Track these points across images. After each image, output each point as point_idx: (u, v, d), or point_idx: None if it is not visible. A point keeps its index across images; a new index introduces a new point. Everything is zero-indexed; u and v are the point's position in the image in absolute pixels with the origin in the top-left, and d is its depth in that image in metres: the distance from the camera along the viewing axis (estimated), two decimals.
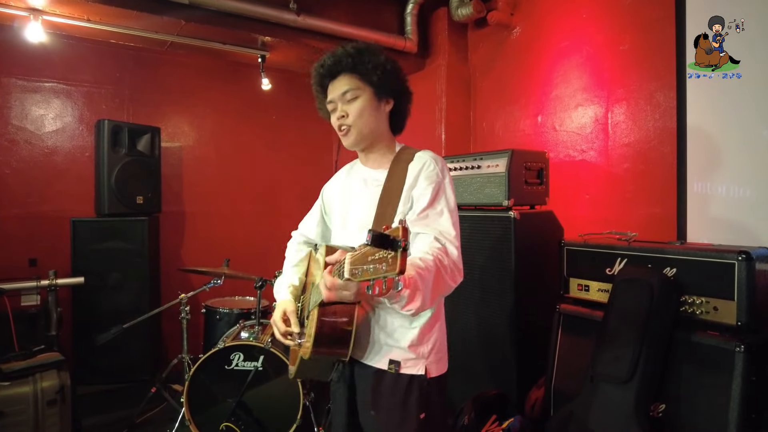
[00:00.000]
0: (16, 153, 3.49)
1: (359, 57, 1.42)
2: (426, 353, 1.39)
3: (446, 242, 1.31)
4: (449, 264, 1.27)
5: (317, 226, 1.72)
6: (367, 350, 1.41)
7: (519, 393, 2.46)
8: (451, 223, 1.35)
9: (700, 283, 1.90)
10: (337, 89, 1.44)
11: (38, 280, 3.07)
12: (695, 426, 1.80)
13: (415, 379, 1.37)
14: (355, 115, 1.43)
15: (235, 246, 4.31)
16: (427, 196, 1.36)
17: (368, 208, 1.44)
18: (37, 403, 2.31)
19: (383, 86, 1.44)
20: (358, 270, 0.95)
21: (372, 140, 1.49)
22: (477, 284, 2.60)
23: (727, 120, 2.27)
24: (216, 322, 3.26)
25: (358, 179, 1.55)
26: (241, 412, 2.72)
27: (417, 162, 1.42)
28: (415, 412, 1.36)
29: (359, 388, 1.46)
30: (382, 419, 1.39)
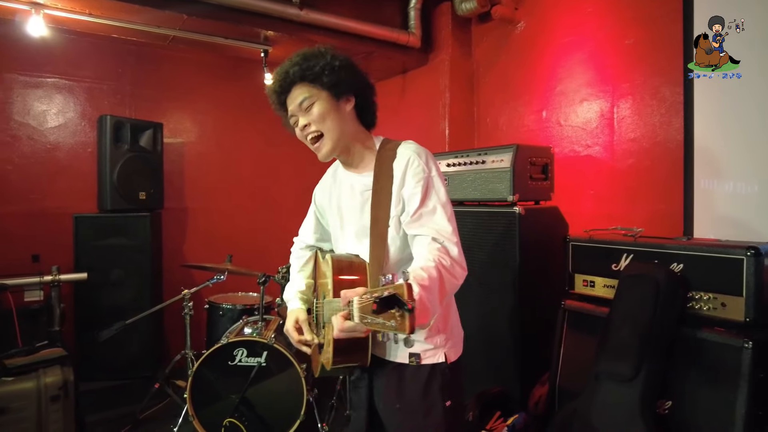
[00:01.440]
0: (18, 149, 3.49)
1: (305, 63, 1.38)
2: (443, 342, 1.41)
3: (444, 240, 1.30)
4: (451, 264, 1.26)
5: (314, 232, 1.71)
6: (386, 349, 1.42)
7: (522, 390, 2.45)
8: (446, 219, 1.33)
9: (708, 279, 1.88)
10: (293, 101, 1.40)
11: (41, 276, 3.07)
12: (702, 423, 1.79)
13: (437, 368, 1.39)
14: (317, 121, 1.38)
15: (237, 242, 4.31)
16: (417, 195, 1.34)
17: (362, 215, 1.44)
18: (41, 399, 2.31)
19: (337, 86, 1.39)
20: (367, 319, 0.99)
21: (345, 143, 1.44)
22: (480, 280, 2.58)
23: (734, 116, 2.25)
24: (219, 318, 3.27)
25: (346, 185, 1.52)
26: (244, 408, 2.72)
27: (401, 159, 1.38)
28: (440, 400, 1.38)
29: (380, 385, 1.46)
30: (407, 411, 1.40)
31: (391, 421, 1.45)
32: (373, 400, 1.49)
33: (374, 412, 1.50)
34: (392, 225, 1.37)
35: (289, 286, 1.65)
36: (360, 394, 1.54)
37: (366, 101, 1.49)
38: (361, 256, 1.43)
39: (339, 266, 1.36)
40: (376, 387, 1.48)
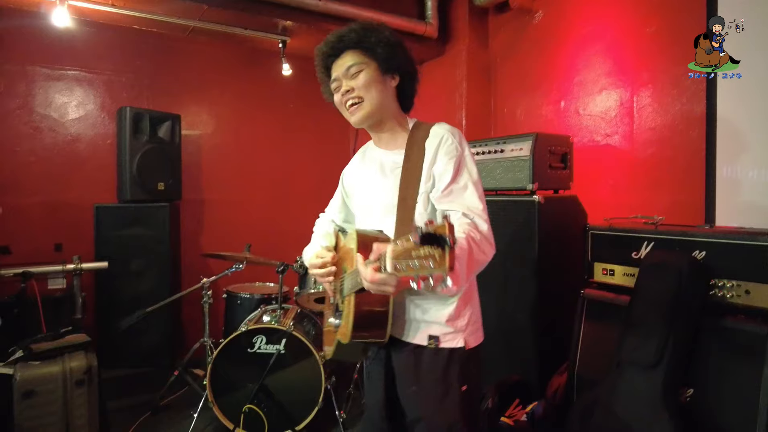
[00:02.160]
0: (41, 141, 3.54)
1: (363, 32, 1.40)
2: (463, 326, 1.40)
3: (475, 216, 1.30)
4: (481, 239, 1.25)
5: (340, 212, 1.73)
6: (405, 329, 1.42)
7: (541, 379, 2.46)
8: (476, 196, 1.34)
9: (731, 267, 1.87)
10: (341, 66, 1.41)
11: (64, 264, 3.12)
12: (724, 411, 1.78)
13: (455, 352, 1.38)
14: (361, 87, 1.39)
15: (253, 232, 4.34)
16: (449, 171, 1.34)
17: (390, 192, 1.42)
18: (66, 383, 2.35)
19: (388, 60, 1.42)
20: (401, 265, 0.94)
21: (381, 116, 1.45)
22: (500, 269, 2.58)
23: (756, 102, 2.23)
24: (237, 307, 3.31)
25: (375, 163, 1.53)
26: (263, 394, 2.75)
27: (434, 138, 1.40)
28: (456, 384, 1.38)
29: (398, 366, 1.46)
30: (423, 394, 1.40)
31: (408, 403, 1.45)
32: (390, 381, 1.49)
33: (390, 394, 1.50)
34: (420, 201, 1.37)
35: (308, 248, 1.66)
36: (373, 379, 1.55)
37: (409, 83, 1.51)
38: (386, 232, 1.42)
39: (363, 240, 1.33)
40: (395, 368, 1.48)
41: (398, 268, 0.93)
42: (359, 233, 1.37)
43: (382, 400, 1.51)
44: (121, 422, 2.95)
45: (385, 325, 1.34)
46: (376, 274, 1.06)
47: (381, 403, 1.51)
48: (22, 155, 3.47)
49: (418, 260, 0.91)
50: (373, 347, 1.53)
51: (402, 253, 0.93)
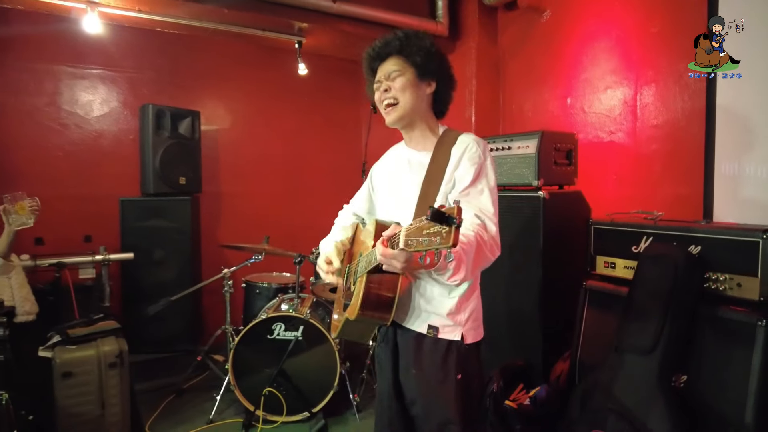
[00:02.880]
0: (68, 137, 3.71)
1: (406, 40, 1.54)
2: (463, 321, 1.51)
3: (485, 218, 1.42)
4: (488, 239, 1.37)
5: (365, 203, 1.83)
6: (408, 315, 1.54)
7: (545, 364, 2.57)
8: (490, 201, 1.46)
9: (725, 260, 1.97)
10: (384, 70, 1.55)
11: (93, 255, 3.30)
12: (716, 396, 1.88)
13: (453, 344, 1.50)
14: (397, 90, 1.52)
15: (269, 224, 4.48)
16: (469, 175, 1.46)
17: (413, 188, 1.55)
18: (101, 365, 2.51)
19: (426, 67, 1.54)
20: (412, 241, 1.05)
21: (412, 118, 1.57)
22: (507, 261, 2.69)
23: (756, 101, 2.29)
24: (255, 296, 3.46)
25: (404, 160, 1.65)
26: (282, 378, 2.92)
27: (460, 145, 1.51)
28: (453, 373, 1.49)
29: (402, 350, 1.59)
30: (422, 378, 1.53)
31: (408, 383, 1.58)
32: (396, 364, 1.62)
33: (398, 376, 1.62)
34: (439, 200, 1.48)
35: (328, 238, 1.77)
36: (382, 360, 1.68)
37: (445, 91, 1.63)
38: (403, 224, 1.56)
39: (381, 228, 1.45)
40: (399, 351, 1.61)
41: (409, 244, 1.05)
42: (378, 222, 1.49)
43: (390, 380, 1.64)
44: (148, 403, 3.14)
45: (391, 308, 1.45)
46: (388, 249, 1.18)
47: (390, 383, 1.64)
48: (51, 150, 3.64)
49: (427, 237, 1.01)
50: (380, 332, 1.66)
51: (414, 231, 1.05)
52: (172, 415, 3.05)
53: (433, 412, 1.53)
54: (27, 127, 3.56)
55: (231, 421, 2.97)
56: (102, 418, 2.49)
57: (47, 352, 2.54)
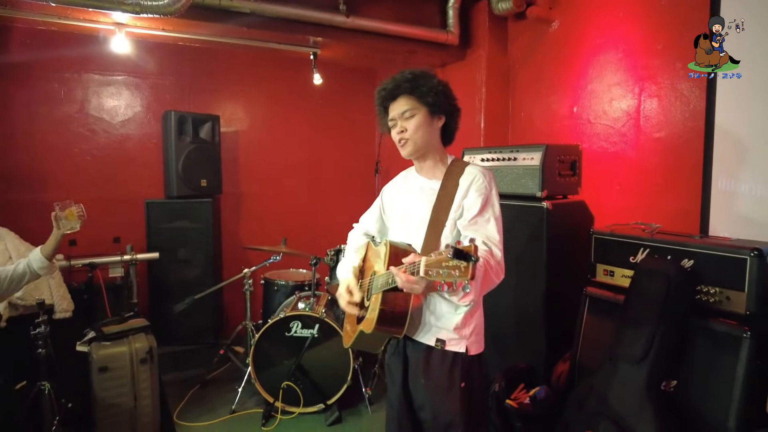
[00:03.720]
0: (96, 141, 3.90)
1: (416, 81, 1.66)
2: (467, 335, 1.67)
3: (492, 245, 1.56)
4: (495, 264, 1.52)
5: (376, 223, 1.98)
6: (418, 329, 1.70)
7: (546, 366, 2.71)
8: (496, 229, 1.60)
9: (716, 275, 2.08)
10: (397, 109, 1.69)
11: (121, 255, 3.51)
12: (703, 401, 2.02)
13: (459, 356, 1.66)
14: (412, 130, 1.67)
15: (286, 224, 4.66)
16: (477, 205, 1.61)
17: (424, 213, 1.70)
18: (133, 361, 2.71)
19: (436, 105, 1.68)
20: (433, 272, 1.21)
21: (425, 151, 1.72)
22: (513, 268, 2.80)
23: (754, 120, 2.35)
24: (274, 293, 3.65)
25: (415, 186, 1.80)
26: (299, 373, 3.11)
27: (468, 176, 1.66)
28: (458, 381, 1.66)
29: (412, 361, 1.75)
30: (431, 386, 1.70)
31: (417, 390, 1.75)
32: (406, 373, 1.78)
33: (407, 383, 1.79)
34: (447, 226, 1.64)
35: (344, 262, 1.92)
36: (393, 371, 1.84)
37: (452, 122, 1.77)
38: (414, 246, 1.70)
39: (395, 251, 1.62)
40: (409, 362, 1.77)
41: (429, 274, 1.21)
42: (392, 244, 1.65)
43: (400, 387, 1.80)
44: (175, 393, 3.37)
45: (404, 324, 1.62)
46: (410, 276, 1.32)
47: (400, 390, 1.80)
48: (80, 155, 3.85)
49: (447, 269, 1.18)
50: (391, 344, 1.83)
51: (434, 263, 1.20)
52: (197, 405, 3.27)
53: (440, 415, 1.70)
54: (59, 134, 3.77)
55: (252, 411, 3.18)
56: (135, 409, 2.69)
57: (84, 347, 2.75)
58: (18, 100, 3.64)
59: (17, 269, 2.33)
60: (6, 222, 3.05)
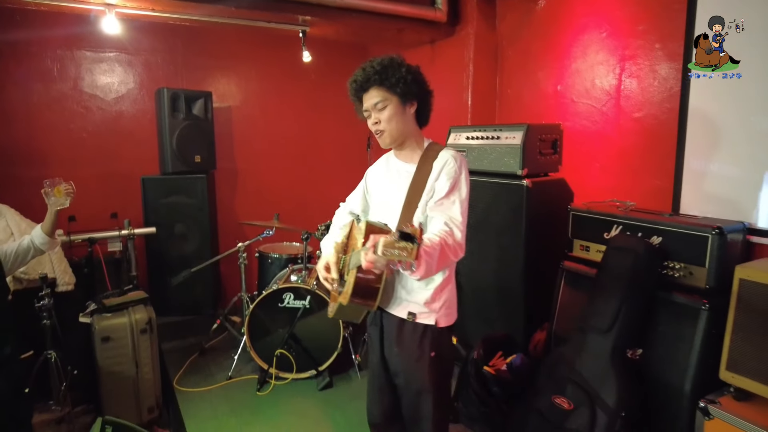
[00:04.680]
0: (91, 118, 3.96)
1: (384, 73, 1.72)
2: (437, 309, 1.80)
3: (453, 226, 1.66)
4: (453, 243, 1.62)
5: (360, 202, 2.09)
6: (391, 303, 1.84)
7: (524, 336, 2.87)
8: (460, 211, 1.70)
9: (681, 251, 2.22)
10: (369, 100, 1.76)
11: (120, 230, 3.62)
12: (665, 367, 2.19)
13: (428, 328, 1.79)
14: (386, 120, 1.75)
15: (281, 198, 4.76)
16: (445, 188, 1.71)
17: (400, 194, 1.80)
18: (133, 331, 2.85)
19: (406, 94, 1.75)
20: (387, 252, 1.32)
21: (402, 139, 1.81)
22: (495, 243, 2.95)
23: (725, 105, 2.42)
24: (268, 266, 3.78)
25: (394, 170, 1.90)
26: (292, 341, 3.27)
27: (440, 160, 1.75)
28: (427, 351, 1.80)
29: (387, 331, 1.90)
30: (403, 354, 1.84)
31: (392, 358, 1.90)
32: (383, 342, 1.93)
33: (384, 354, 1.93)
34: (420, 207, 1.75)
35: (327, 237, 2.04)
36: (372, 339, 1.99)
37: (425, 106, 1.84)
38: (390, 225, 1.82)
39: (371, 229, 1.73)
40: (384, 332, 1.91)
41: (385, 253, 1.31)
42: (369, 224, 1.76)
43: (378, 355, 1.96)
44: (175, 361, 3.55)
45: (375, 298, 1.75)
46: (371, 255, 1.41)
47: (378, 357, 1.96)
48: (76, 132, 3.91)
49: (397, 250, 1.29)
50: (370, 315, 1.97)
51: (389, 244, 1.31)
52: (195, 372, 3.44)
53: (412, 382, 1.85)
54: (55, 111, 3.82)
55: (248, 378, 3.35)
56: (137, 376, 2.85)
57: (86, 318, 2.90)
58: (13, 78, 3.68)
59: (22, 245, 2.45)
60: (7, 198, 3.14)
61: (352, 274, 1.73)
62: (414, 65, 1.80)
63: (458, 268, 1.90)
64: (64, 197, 2.47)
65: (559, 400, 2.21)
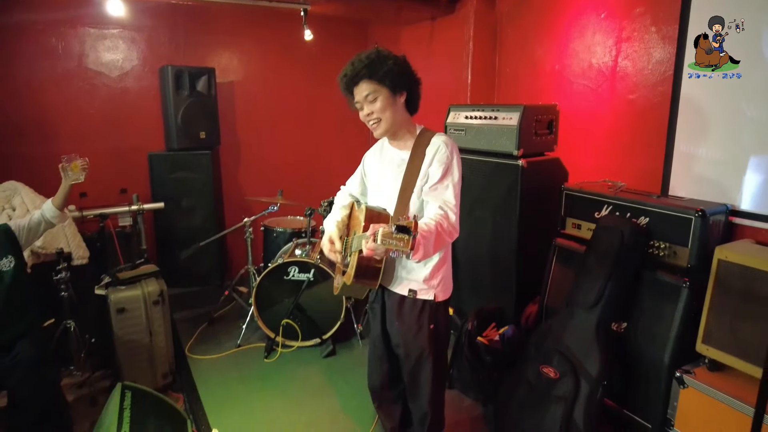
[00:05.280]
0: (97, 95, 4.02)
1: (372, 67, 1.79)
2: (435, 285, 1.95)
3: (447, 210, 1.77)
4: (447, 226, 1.73)
5: (359, 186, 2.21)
6: (393, 281, 1.99)
7: (517, 309, 3.02)
8: (453, 194, 1.81)
9: (666, 231, 2.33)
10: (361, 93, 1.84)
11: (129, 206, 3.74)
12: (647, 340, 2.33)
13: (427, 303, 1.95)
14: (379, 111, 1.84)
15: (284, 172, 4.85)
16: (438, 174, 1.81)
17: (396, 181, 1.91)
18: (146, 303, 3.00)
19: (396, 85, 1.82)
20: (385, 241, 1.43)
21: (396, 129, 1.91)
22: (490, 220, 3.06)
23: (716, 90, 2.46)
24: (273, 239, 3.93)
25: (389, 157, 2.01)
26: (297, 311, 3.44)
27: (432, 146, 1.85)
28: (426, 324, 1.96)
29: (388, 307, 2.05)
30: (404, 328, 2.00)
31: (393, 331, 2.06)
32: (384, 316, 2.09)
33: (385, 325, 2.11)
34: (415, 192, 1.86)
35: (330, 216, 2.16)
36: (376, 313, 2.15)
37: (414, 94, 1.91)
38: (388, 210, 1.94)
39: (370, 214, 1.86)
40: (386, 307, 2.07)
41: (384, 242, 1.43)
42: (368, 209, 1.88)
43: (380, 328, 2.13)
44: (185, 331, 3.73)
45: (377, 278, 1.89)
46: (371, 243, 1.53)
47: (380, 330, 2.14)
48: (83, 109, 3.98)
49: (395, 240, 1.41)
50: (372, 291, 2.12)
51: (387, 234, 1.43)
52: (206, 340, 3.63)
53: (413, 352, 2.02)
54: (61, 88, 3.88)
55: (255, 346, 3.54)
56: (151, 344, 3.02)
57: (101, 290, 3.05)
58: (21, 56, 3.73)
59: (33, 219, 2.59)
60: (20, 175, 3.26)
61: (354, 256, 1.86)
62: (400, 55, 1.87)
63: (455, 244, 2.02)
64: (80, 172, 2.60)
65: (546, 370, 2.37)
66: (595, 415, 2.21)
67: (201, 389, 3.04)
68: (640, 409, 2.39)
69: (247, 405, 2.89)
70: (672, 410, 2.23)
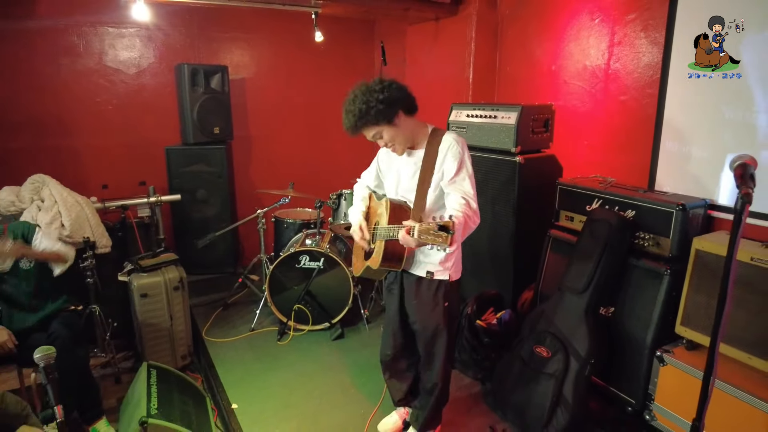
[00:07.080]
0: (115, 91, 4.21)
1: (363, 117, 1.97)
2: (450, 267, 2.18)
3: (469, 199, 1.97)
4: (472, 213, 1.93)
5: (374, 180, 2.43)
6: (412, 264, 2.22)
7: (514, 294, 3.24)
8: (470, 185, 2.01)
9: (651, 224, 2.54)
10: (367, 135, 2.07)
11: (148, 197, 3.94)
12: (632, 323, 2.55)
13: (442, 282, 2.18)
14: (389, 141, 2.07)
15: (294, 165, 5.04)
16: (454, 168, 2.01)
17: (413, 177, 2.13)
18: (167, 289, 3.21)
19: (390, 115, 2.00)
20: (423, 237, 1.67)
21: (411, 139, 2.12)
22: (489, 212, 3.26)
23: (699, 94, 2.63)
24: (284, 230, 4.13)
25: (404, 155, 2.19)
26: (308, 297, 3.66)
27: (444, 143, 2.05)
28: (441, 301, 2.19)
29: (406, 287, 2.29)
30: (420, 305, 2.24)
31: (410, 309, 2.30)
32: (402, 295, 2.33)
33: (402, 304, 2.34)
34: (432, 186, 2.07)
35: (354, 208, 2.37)
36: (394, 292, 2.37)
37: (409, 105, 2.08)
38: (408, 203, 2.17)
39: (393, 206, 2.11)
40: (405, 289, 2.30)
41: (422, 237, 1.67)
42: (391, 201, 2.14)
43: (397, 306, 2.36)
44: (202, 315, 3.95)
45: (401, 262, 2.15)
46: (407, 236, 1.75)
47: (397, 307, 2.37)
48: (102, 104, 4.17)
49: (433, 236, 1.64)
50: (390, 274, 2.36)
51: (425, 230, 1.66)
52: (221, 324, 3.85)
53: (429, 327, 2.26)
54: (82, 85, 4.07)
55: (268, 329, 3.76)
56: (171, 327, 3.24)
57: (124, 277, 3.26)
58: (44, 54, 3.91)
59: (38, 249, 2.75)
60: (45, 167, 3.44)
61: (380, 244, 2.12)
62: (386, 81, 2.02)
63: None
64: None
65: (539, 349, 2.59)
66: (583, 390, 2.44)
67: (219, 368, 3.26)
68: (625, 386, 2.62)
69: (263, 381, 3.12)
70: (653, 386, 2.45)
